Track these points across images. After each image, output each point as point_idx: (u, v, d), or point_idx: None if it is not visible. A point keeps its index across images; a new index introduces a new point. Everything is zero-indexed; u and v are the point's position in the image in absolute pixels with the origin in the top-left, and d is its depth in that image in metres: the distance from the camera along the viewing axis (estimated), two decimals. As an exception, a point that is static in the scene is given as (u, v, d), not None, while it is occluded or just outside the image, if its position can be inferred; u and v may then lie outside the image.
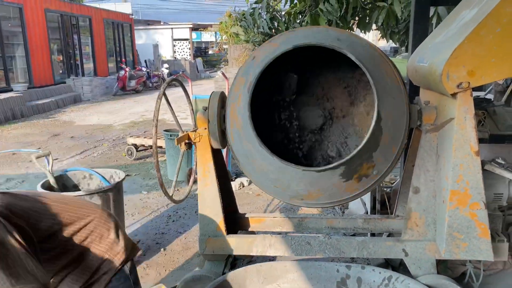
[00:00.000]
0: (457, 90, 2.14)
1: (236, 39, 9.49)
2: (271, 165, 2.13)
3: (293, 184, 2.19)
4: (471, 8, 2.42)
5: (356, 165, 2.07)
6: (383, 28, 5.98)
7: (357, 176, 2.13)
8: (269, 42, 2.38)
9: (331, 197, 2.26)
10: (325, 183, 2.14)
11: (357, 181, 2.15)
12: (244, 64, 2.42)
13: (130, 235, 4.08)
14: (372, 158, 2.10)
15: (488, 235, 2.28)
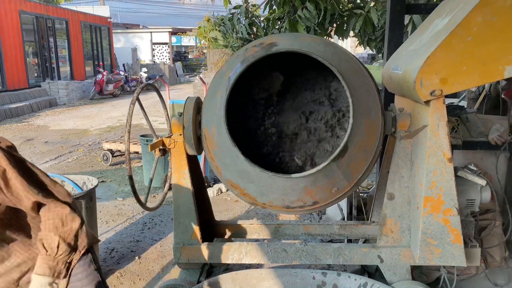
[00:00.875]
0: (430, 98, 2.17)
1: (215, 44, 9.46)
2: (246, 169, 2.11)
3: (267, 190, 2.16)
4: (443, 17, 2.46)
5: (325, 175, 2.06)
6: (360, 35, 6.05)
7: (325, 185, 2.12)
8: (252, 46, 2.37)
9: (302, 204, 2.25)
10: (294, 190, 2.12)
11: (325, 190, 2.15)
12: (221, 68, 2.40)
13: (104, 242, 3.98)
14: (343, 167, 2.09)
15: (461, 241, 2.30)
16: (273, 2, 5.99)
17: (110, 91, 16.84)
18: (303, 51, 2.06)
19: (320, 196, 2.18)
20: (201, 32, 9.83)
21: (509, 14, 2.07)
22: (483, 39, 2.09)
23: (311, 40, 2.29)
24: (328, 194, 2.20)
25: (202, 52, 18.86)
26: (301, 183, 2.07)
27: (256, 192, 2.21)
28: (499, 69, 2.11)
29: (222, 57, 10.83)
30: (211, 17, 8.71)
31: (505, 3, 2.06)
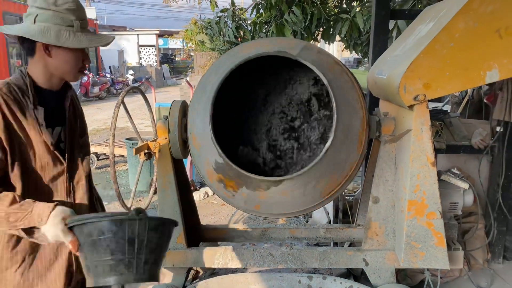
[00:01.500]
0: (413, 102, 2.19)
1: (202, 47, 9.45)
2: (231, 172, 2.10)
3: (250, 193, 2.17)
4: (426, 23, 2.50)
5: (309, 179, 2.07)
6: (346, 39, 6.10)
7: (311, 189, 2.13)
8: (233, 50, 2.37)
9: (284, 208, 2.26)
10: (276, 194, 2.13)
11: (311, 194, 2.16)
12: (206, 72, 2.39)
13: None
14: (327, 171, 2.11)
15: (444, 244, 2.33)
16: (260, 6, 6.01)
17: (96, 93, 16.68)
18: (293, 56, 2.07)
19: (298, 201, 2.19)
20: (188, 35, 9.81)
21: (489, 20, 2.11)
22: (465, 45, 2.12)
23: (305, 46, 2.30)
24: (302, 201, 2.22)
25: (189, 54, 18.82)
26: (281, 187, 2.08)
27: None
28: (481, 75, 2.15)
29: (209, 60, 10.81)
30: (198, 20, 8.69)
31: (486, 9, 2.10)
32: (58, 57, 1.51)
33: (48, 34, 1.45)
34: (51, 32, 1.46)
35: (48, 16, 1.46)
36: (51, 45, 1.48)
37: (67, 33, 1.48)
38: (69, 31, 1.49)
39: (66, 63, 1.53)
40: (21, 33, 1.46)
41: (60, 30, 1.47)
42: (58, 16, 1.47)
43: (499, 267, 3.39)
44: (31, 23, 1.47)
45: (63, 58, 1.52)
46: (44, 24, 1.46)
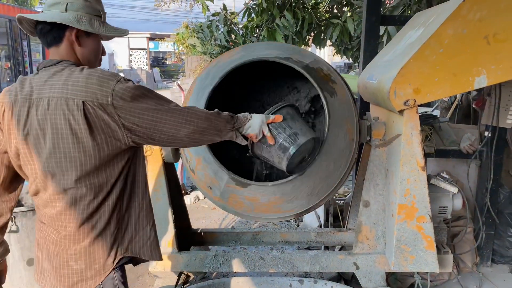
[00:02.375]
0: (403, 107, 2.22)
1: (193, 50, 9.44)
2: (222, 179, 2.10)
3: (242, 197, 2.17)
4: (416, 29, 2.53)
5: (300, 183, 2.08)
6: (337, 44, 6.14)
7: (302, 194, 2.14)
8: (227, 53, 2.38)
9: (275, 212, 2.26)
10: (265, 198, 2.13)
11: (302, 199, 2.16)
12: (199, 75, 2.40)
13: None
14: (318, 176, 2.12)
15: (434, 248, 2.35)
16: (251, 10, 6.02)
17: (85, 96, 16.53)
18: (285, 62, 2.08)
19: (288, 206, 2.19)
20: (179, 39, 9.79)
21: (478, 27, 2.14)
22: (454, 51, 2.16)
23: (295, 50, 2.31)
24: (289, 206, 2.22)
25: (180, 58, 18.77)
26: (275, 192, 2.09)
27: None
28: (469, 80, 2.18)
29: (201, 64, 10.79)
30: (189, 24, 8.69)
31: (474, 17, 2.14)
32: (87, 45, 1.54)
33: (84, 22, 1.49)
34: (85, 20, 1.49)
35: (79, 5, 1.49)
36: (81, 34, 1.50)
37: (97, 22, 1.53)
38: (98, 20, 1.54)
39: (93, 52, 1.57)
40: (57, 19, 1.46)
41: (91, 19, 1.51)
42: (89, 5, 1.51)
43: (487, 271, 3.42)
44: (61, 12, 1.47)
45: (92, 46, 1.55)
46: (77, 12, 1.48)
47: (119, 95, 1.38)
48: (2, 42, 15.65)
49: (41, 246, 1.52)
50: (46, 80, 1.42)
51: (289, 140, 1.72)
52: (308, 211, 2.43)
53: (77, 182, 1.40)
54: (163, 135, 1.44)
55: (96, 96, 1.36)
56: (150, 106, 1.42)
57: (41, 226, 1.52)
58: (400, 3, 4.73)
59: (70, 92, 1.37)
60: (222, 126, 1.55)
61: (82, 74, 1.41)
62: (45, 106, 1.38)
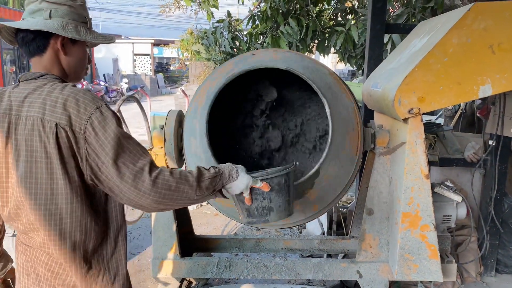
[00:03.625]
0: (408, 115, 2.22)
1: (198, 56, 9.49)
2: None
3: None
4: (421, 38, 2.54)
5: (304, 190, 2.08)
6: (341, 51, 6.16)
7: (305, 201, 2.14)
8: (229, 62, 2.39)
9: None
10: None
11: (305, 206, 2.16)
12: (203, 82, 2.41)
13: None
14: (322, 183, 2.12)
15: (437, 256, 2.34)
16: (256, 17, 6.06)
17: (89, 101, 16.60)
18: (292, 70, 2.09)
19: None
20: (183, 45, 9.84)
21: (482, 36, 2.15)
22: (458, 60, 2.16)
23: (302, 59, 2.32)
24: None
25: (184, 64, 18.87)
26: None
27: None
28: (474, 89, 2.18)
29: (205, 70, 10.84)
30: (194, 30, 8.74)
31: (479, 26, 2.14)
32: (73, 54, 1.47)
33: (69, 29, 1.41)
34: (71, 27, 1.42)
35: (64, 12, 1.42)
36: (67, 41, 1.43)
37: (83, 29, 1.46)
38: (84, 27, 1.47)
39: (79, 60, 1.50)
40: (40, 27, 1.37)
41: (77, 26, 1.44)
42: (74, 12, 1.44)
43: (491, 280, 3.40)
44: (45, 19, 1.39)
45: (78, 55, 1.49)
46: (62, 19, 1.41)
47: (94, 126, 1.29)
48: (7, 47, 15.78)
49: (27, 270, 1.41)
50: (26, 95, 1.34)
51: (261, 211, 1.61)
52: (311, 219, 2.43)
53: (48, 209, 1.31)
54: (123, 196, 1.31)
55: (70, 120, 1.28)
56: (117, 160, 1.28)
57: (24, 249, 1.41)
58: (404, 12, 4.75)
59: (48, 113, 1.29)
60: (199, 195, 1.41)
61: (62, 93, 1.32)
62: (23, 126, 1.31)
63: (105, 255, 1.44)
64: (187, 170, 1.42)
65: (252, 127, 2.57)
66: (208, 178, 1.42)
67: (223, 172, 1.48)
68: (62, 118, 1.28)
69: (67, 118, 1.28)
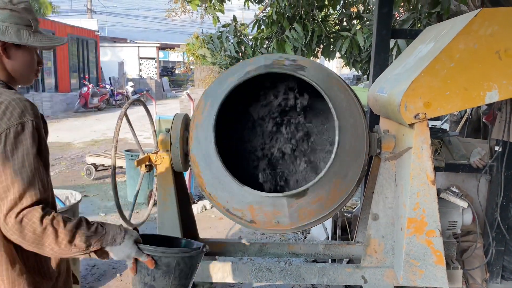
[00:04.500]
0: (414, 121, 2.22)
1: (203, 60, 9.53)
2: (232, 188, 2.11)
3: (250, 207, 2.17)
4: (427, 43, 2.54)
5: (310, 195, 2.08)
6: (346, 56, 6.18)
7: (310, 206, 2.14)
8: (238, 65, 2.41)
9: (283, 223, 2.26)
10: (278, 209, 2.13)
11: (309, 211, 2.16)
12: (209, 86, 2.42)
13: (85, 259, 3.90)
14: (330, 186, 2.12)
15: (443, 262, 2.33)
16: (261, 21, 6.09)
17: (95, 104, 16.72)
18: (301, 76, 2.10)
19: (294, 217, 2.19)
20: (189, 49, 9.90)
21: (489, 42, 2.15)
22: (465, 65, 2.16)
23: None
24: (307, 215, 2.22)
25: (189, 68, 18.96)
26: (283, 201, 2.09)
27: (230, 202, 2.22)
28: (480, 95, 2.17)
29: (210, 74, 10.88)
30: (199, 35, 8.80)
31: (486, 31, 2.14)
32: (17, 58, 1.46)
33: (9, 33, 1.40)
34: (11, 31, 1.40)
35: (5, 16, 1.41)
36: (10, 45, 1.42)
37: (27, 32, 1.44)
38: (28, 30, 1.45)
39: (25, 64, 1.49)
40: None
41: (19, 30, 1.42)
42: (16, 15, 1.43)
43: (497, 287, 3.38)
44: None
45: (23, 59, 1.47)
46: (3, 24, 1.40)
47: (7, 139, 1.28)
48: None
49: None
50: None
51: (142, 286, 1.49)
52: (316, 224, 2.42)
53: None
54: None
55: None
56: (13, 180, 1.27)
57: None
58: (410, 17, 4.76)
59: None
60: (67, 249, 1.32)
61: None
62: None
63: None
64: (64, 218, 1.33)
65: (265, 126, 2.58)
66: (85, 235, 1.34)
67: (106, 232, 1.40)
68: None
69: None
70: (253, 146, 2.56)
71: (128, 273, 3.67)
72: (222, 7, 6.15)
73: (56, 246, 1.29)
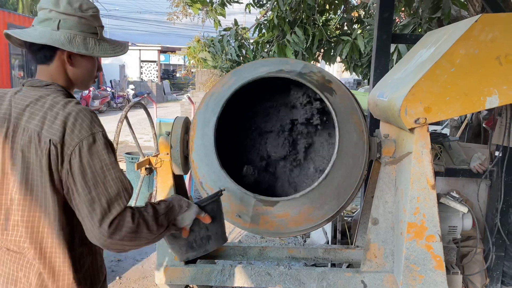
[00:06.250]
0: (414, 125, 2.22)
1: (204, 64, 9.55)
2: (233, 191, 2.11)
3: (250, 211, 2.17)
4: (428, 48, 2.54)
5: (310, 199, 2.08)
6: (347, 61, 6.19)
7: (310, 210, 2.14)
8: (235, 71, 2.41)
9: (286, 228, 2.26)
10: (296, 211, 2.14)
11: (308, 215, 2.17)
12: (209, 91, 2.42)
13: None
14: (328, 192, 2.12)
15: (443, 268, 2.32)
16: (262, 25, 6.11)
17: (96, 107, 16.75)
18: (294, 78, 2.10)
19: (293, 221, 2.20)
20: (190, 52, 9.93)
21: (490, 47, 2.15)
22: (465, 70, 2.16)
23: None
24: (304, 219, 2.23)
25: (190, 71, 19.01)
26: (304, 202, 2.09)
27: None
28: (481, 100, 2.18)
29: (211, 77, 10.91)
30: (201, 38, 8.83)
31: (486, 37, 2.15)
32: (80, 66, 1.44)
33: (77, 43, 1.38)
34: (78, 40, 1.38)
35: (73, 23, 1.38)
36: (75, 54, 1.40)
37: (93, 41, 1.42)
38: (94, 38, 1.43)
39: (87, 72, 1.47)
40: (46, 41, 1.35)
41: (85, 38, 1.40)
42: (84, 23, 1.40)
43: (497, 293, 3.37)
44: (53, 30, 1.36)
45: (85, 67, 1.46)
46: (70, 31, 1.37)
47: (82, 152, 1.29)
48: (16, 52, 15.95)
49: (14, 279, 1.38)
50: (28, 104, 1.33)
51: (199, 243, 1.64)
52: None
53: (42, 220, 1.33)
54: (87, 228, 1.31)
55: (63, 140, 1.28)
56: (89, 193, 1.28)
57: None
58: (410, 22, 4.77)
59: (45, 127, 1.29)
60: (157, 234, 1.41)
61: (63, 110, 1.31)
62: (20, 135, 1.31)
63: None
64: (143, 209, 1.39)
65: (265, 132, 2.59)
66: (162, 214, 1.42)
67: (172, 205, 1.48)
68: (56, 134, 1.28)
69: (61, 136, 1.28)
70: (253, 146, 2.58)
71: (128, 275, 3.66)
72: (223, 11, 6.17)
73: (149, 235, 1.37)
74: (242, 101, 2.44)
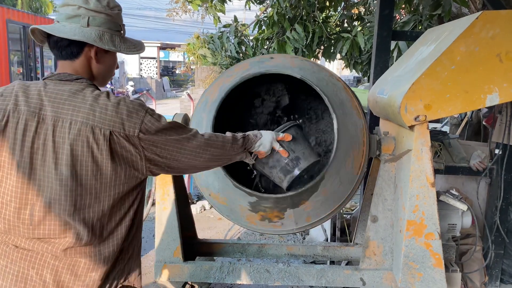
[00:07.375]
0: (414, 123, 2.21)
1: (204, 61, 9.53)
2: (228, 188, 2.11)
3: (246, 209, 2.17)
4: (428, 45, 2.53)
5: (306, 196, 2.08)
6: (347, 58, 6.18)
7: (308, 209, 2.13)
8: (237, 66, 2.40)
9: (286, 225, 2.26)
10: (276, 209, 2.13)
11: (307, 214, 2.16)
12: (209, 87, 2.41)
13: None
14: (325, 189, 2.11)
15: (442, 265, 2.32)
16: (262, 22, 6.08)
17: (95, 103, 16.67)
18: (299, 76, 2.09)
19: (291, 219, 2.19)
20: (190, 49, 9.90)
21: (490, 45, 2.14)
22: (466, 68, 2.15)
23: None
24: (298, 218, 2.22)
25: (190, 68, 18.95)
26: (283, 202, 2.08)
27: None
28: (481, 98, 2.17)
29: (210, 74, 10.88)
30: (200, 35, 8.80)
31: (487, 34, 2.14)
32: (105, 62, 1.48)
33: (106, 40, 1.42)
34: (107, 37, 1.42)
35: (102, 20, 1.41)
36: (101, 50, 1.43)
37: (118, 38, 1.46)
38: (119, 36, 1.47)
39: (109, 68, 1.52)
40: (79, 37, 1.37)
41: (112, 35, 1.44)
42: (111, 20, 1.43)
43: (496, 291, 3.37)
44: (82, 26, 1.39)
45: (108, 63, 1.50)
46: (99, 28, 1.41)
47: (147, 127, 1.36)
48: (15, 48, 15.89)
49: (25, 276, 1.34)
50: (67, 98, 1.32)
51: (291, 164, 1.84)
52: (314, 225, 2.41)
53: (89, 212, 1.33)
54: (181, 164, 1.47)
55: (123, 126, 1.33)
56: (173, 137, 1.42)
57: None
58: (411, 19, 4.75)
59: (98, 119, 1.30)
60: (235, 151, 1.65)
61: (110, 101, 1.34)
62: (66, 129, 1.29)
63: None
64: (222, 135, 1.63)
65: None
66: (240, 138, 1.66)
67: (248, 135, 1.72)
68: (115, 125, 1.32)
69: (120, 125, 1.33)
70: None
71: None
72: (223, 7, 6.15)
73: (231, 150, 1.63)
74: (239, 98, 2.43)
